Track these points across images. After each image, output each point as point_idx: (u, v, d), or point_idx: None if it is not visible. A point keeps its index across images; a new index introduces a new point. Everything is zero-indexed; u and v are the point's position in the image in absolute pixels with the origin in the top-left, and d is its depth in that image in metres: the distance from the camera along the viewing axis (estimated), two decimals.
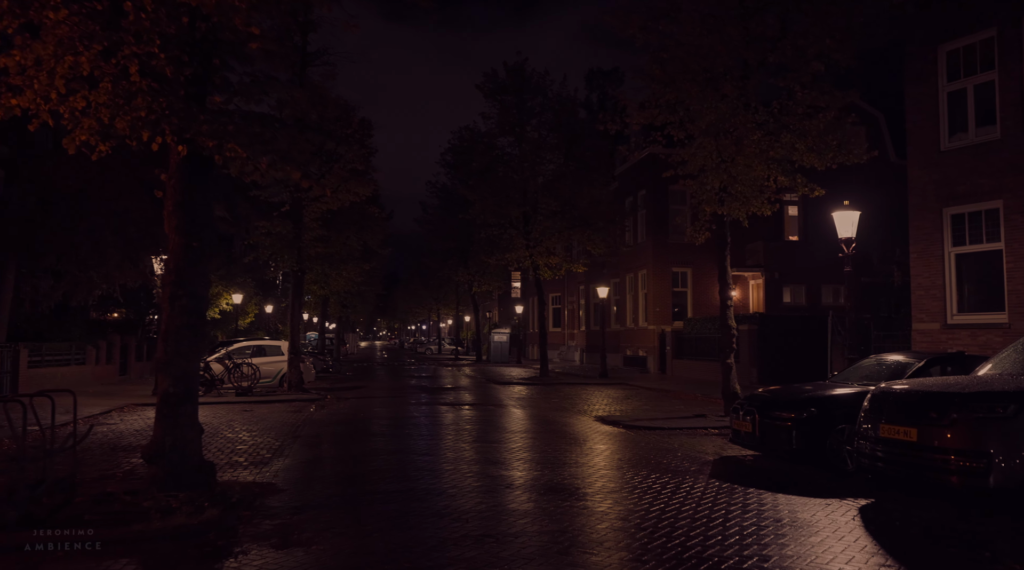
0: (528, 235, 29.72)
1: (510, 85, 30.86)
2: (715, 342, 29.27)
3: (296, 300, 22.41)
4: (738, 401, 10.68)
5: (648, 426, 14.26)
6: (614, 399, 21.35)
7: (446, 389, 25.46)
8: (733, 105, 14.13)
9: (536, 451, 11.41)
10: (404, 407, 19.04)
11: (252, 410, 18.46)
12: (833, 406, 9.71)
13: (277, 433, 13.75)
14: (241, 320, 42.72)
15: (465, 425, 15.01)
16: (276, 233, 21.98)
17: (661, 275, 34.68)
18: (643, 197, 36.03)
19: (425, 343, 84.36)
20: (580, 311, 45.19)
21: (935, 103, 17.58)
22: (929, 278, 17.73)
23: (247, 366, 22.00)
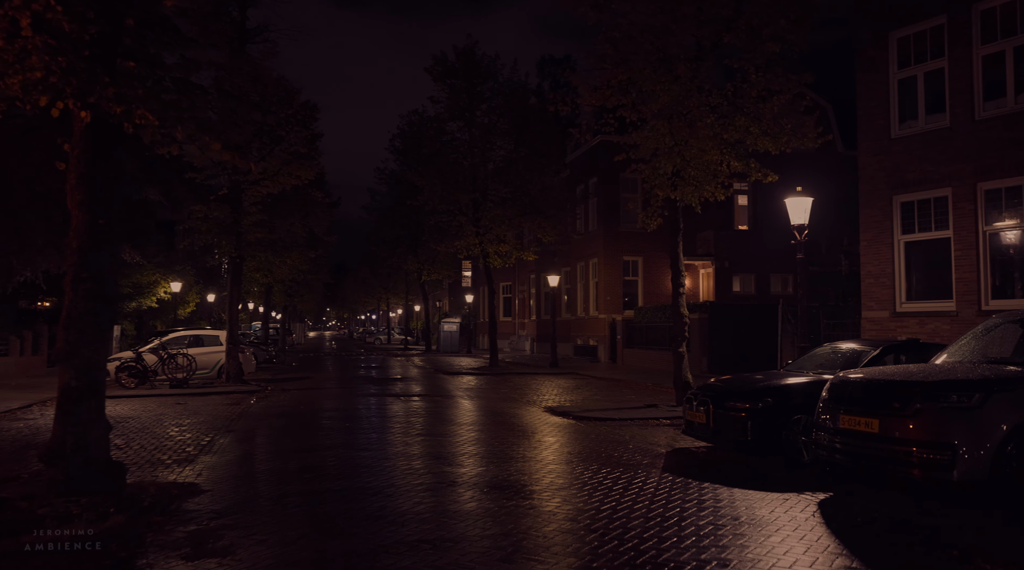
0: (478, 222, 29.11)
1: (460, 69, 30.13)
2: (666, 331, 29.15)
3: (234, 288, 21.44)
4: (691, 391, 10.30)
5: (599, 417, 13.85)
6: (564, 389, 20.96)
7: (394, 380, 24.79)
8: (686, 87, 13.74)
9: (483, 445, 10.88)
10: (348, 399, 18.34)
11: (185, 403, 17.56)
12: (789, 396, 9.39)
13: (208, 427, 12.97)
14: (181, 309, 41.27)
15: (411, 418, 14.41)
16: (213, 218, 20.97)
17: (612, 264, 34.44)
18: (594, 185, 35.71)
19: (374, 333, 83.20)
20: (531, 300, 44.81)
21: (886, 90, 17.49)
22: (879, 266, 17.68)
23: (182, 356, 21.00)
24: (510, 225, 29.15)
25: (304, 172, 21.19)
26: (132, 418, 14.59)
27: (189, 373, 21.00)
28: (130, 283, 32.25)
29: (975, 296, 15.50)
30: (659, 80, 13.70)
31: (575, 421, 13.78)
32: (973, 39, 15.73)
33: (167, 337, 23.19)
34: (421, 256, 45.78)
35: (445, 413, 15.29)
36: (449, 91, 30.17)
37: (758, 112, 13.49)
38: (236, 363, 21.35)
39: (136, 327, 38.11)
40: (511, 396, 18.85)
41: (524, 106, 29.83)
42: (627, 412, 14.50)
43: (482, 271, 57.54)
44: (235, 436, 11.97)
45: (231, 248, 21.08)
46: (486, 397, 18.73)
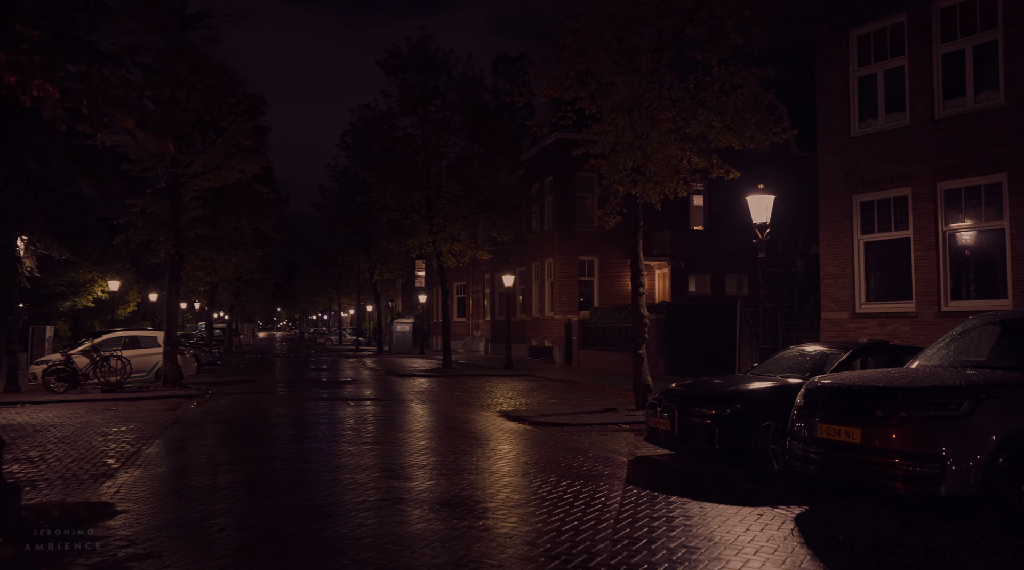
0: (431, 220, 28.33)
1: (413, 63, 29.32)
2: (622, 332, 28.79)
3: (172, 287, 20.31)
4: (655, 397, 9.75)
5: (556, 422, 13.25)
6: (519, 392, 20.34)
7: (344, 383, 23.88)
8: (647, 79, 13.24)
9: (434, 454, 10.18)
10: (293, 404, 17.44)
11: (116, 409, 16.47)
12: (757, 402, 8.89)
13: (137, 436, 12.01)
14: (121, 309, 39.59)
15: (359, 424, 13.62)
16: (151, 212, 19.84)
17: (568, 263, 33.97)
18: (550, 183, 35.21)
19: (326, 334, 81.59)
20: (485, 300, 44.14)
21: (846, 88, 17.26)
22: (838, 266, 17.45)
23: (116, 359, 19.80)
24: (464, 223, 28.45)
25: (248, 165, 20.20)
26: (54, 426, 13.52)
27: (123, 376, 19.82)
28: (64, 281, 30.68)
29: (935, 297, 15.32)
30: (619, 72, 13.18)
31: (531, 427, 13.16)
32: (933, 37, 15.56)
33: (100, 338, 21.92)
34: (373, 255, 44.79)
35: (396, 419, 14.54)
36: (402, 85, 29.34)
37: (721, 106, 13.05)
38: (174, 366, 20.25)
39: (72, 328, 36.37)
40: (464, 400, 18.16)
41: (479, 102, 29.16)
42: (585, 417, 13.93)
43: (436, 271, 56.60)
44: (165, 446, 11.06)
45: (169, 244, 19.97)
46: (439, 401, 18.01)
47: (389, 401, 17.97)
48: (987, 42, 14.86)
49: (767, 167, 29.01)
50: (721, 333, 25.74)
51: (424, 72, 29.30)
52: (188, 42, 19.50)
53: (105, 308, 35.33)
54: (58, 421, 14.29)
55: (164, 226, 19.79)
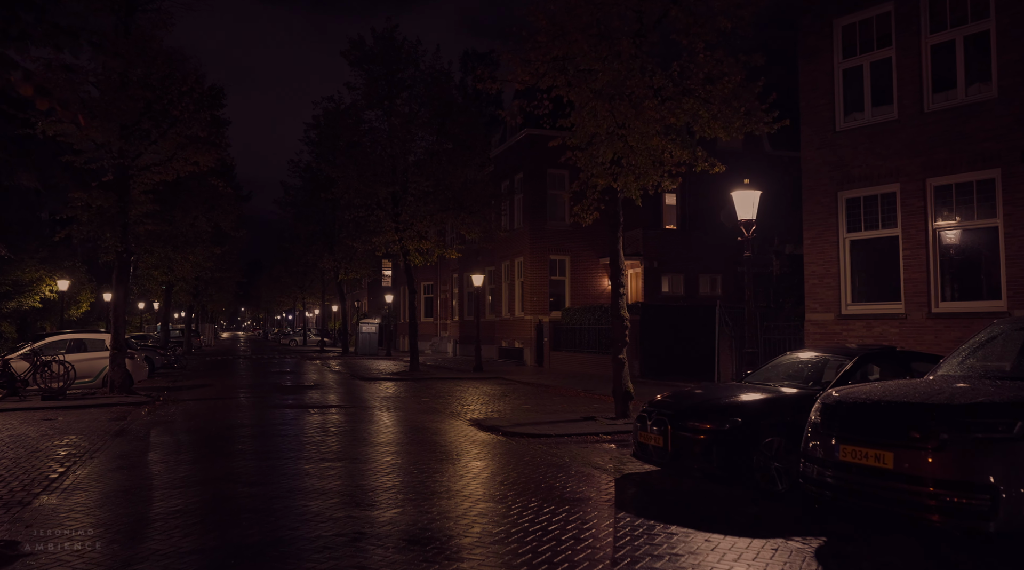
0: (398, 217, 27.25)
1: (379, 54, 28.20)
2: (595, 333, 27.99)
3: (120, 286, 18.97)
4: (644, 409, 8.87)
5: (532, 433, 12.32)
6: (490, 397, 19.39)
7: (306, 387, 22.72)
8: (628, 65, 12.38)
9: (401, 473, 9.19)
10: (250, 412, 16.30)
11: (55, 419, 15.20)
12: (758, 416, 8.05)
13: (70, 452, 10.85)
14: (73, 310, 37.85)
15: (320, 436, 12.56)
16: (96, 207, 18.50)
17: (538, 263, 33.11)
18: (520, 180, 34.30)
19: (290, 334, 79.78)
20: (453, 300, 43.11)
21: (830, 81, 16.60)
22: (823, 266, 16.78)
23: (58, 364, 18.45)
24: (432, 221, 27.42)
25: (203, 157, 18.96)
26: None
27: (66, 383, 18.47)
28: (8, 280, 29.02)
29: (925, 298, 14.70)
30: (599, 56, 12.31)
31: (505, 438, 12.23)
32: (922, 28, 14.94)
33: (42, 342, 20.51)
34: (338, 254, 43.51)
35: (360, 429, 13.50)
36: (367, 77, 28.21)
37: (707, 95, 12.23)
38: (122, 371, 18.94)
39: (18, 329, 34.58)
40: (433, 406, 17.17)
41: (448, 95, 28.13)
42: (563, 427, 13.03)
43: (402, 270, 55.46)
44: (99, 465, 9.92)
45: (116, 241, 18.66)
46: (406, 408, 16.99)
47: (354, 408, 16.91)
48: (979, 32, 14.26)
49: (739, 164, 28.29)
50: (698, 335, 25.04)
51: (390, 64, 28.21)
52: (136, 25, 18.23)
53: (54, 309, 33.67)
54: None
55: (111, 222, 18.47)
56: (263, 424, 14.19)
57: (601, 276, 33.94)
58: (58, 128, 17.64)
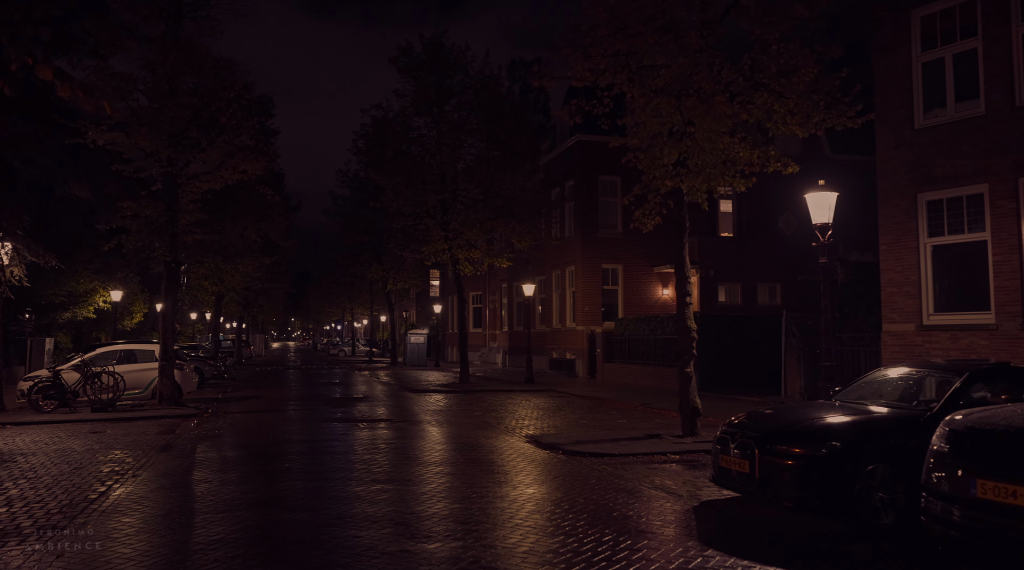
0: (447, 225, 26.72)
1: (427, 61, 27.77)
2: (651, 344, 27.03)
3: (169, 296, 18.74)
4: (725, 429, 8.03)
5: (594, 452, 11.53)
6: (545, 411, 18.63)
7: (355, 400, 22.25)
8: (695, 60, 11.58)
9: (457, 498, 8.50)
10: (298, 426, 15.83)
11: (103, 431, 14.91)
12: (860, 439, 7.16)
13: (114, 468, 10.42)
14: (127, 321, 38.19)
15: (370, 454, 11.96)
16: (145, 216, 18.30)
17: (590, 271, 32.27)
18: (571, 188, 33.56)
19: (339, 345, 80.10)
20: (503, 310, 42.46)
21: (908, 75, 15.54)
22: (902, 273, 15.68)
23: (107, 375, 18.26)
24: (481, 229, 26.81)
25: (251, 166, 18.65)
26: (25, 454, 11.96)
27: (116, 394, 18.27)
28: (63, 291, 29.27)
29: (1019, 307, 13.52)
30: (664, 50, 11.54)
31: (566, 457, 11.46)
32: (1012, 15, 13.82)
33: (94, 352, 20.42)
34: (386, 264, 43.26)
35: (411, 446, 12.87)
36: (416, 84, 27.80)
37: (782, 88, 11.35)
38: (171, 382, 18.67)
39: (73, 339, 34.97)
40: (485, 420, 16.48)
41: (497, 101, 27.54)
42: (626, 445, 12.20)
43: (451, 279, 54.96)
44: (141, 484, 9.45)
45: (165, 251, 18.42)
46: (457, 422, 16.33)
47: (404, 423, 16.31)
48: None
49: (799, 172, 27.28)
50: (759, 346, 23.94)
51: (438, 70, 27.77)
52: (184, 32, 18.04)
53: (109, 319, 33.93)
54: (32, 448, 12.74)
55: (159, 231, 18.25)
56: (311, 439, 13.66)
57: (655, 285, 32.96)
58: (108, 137, 17.50)
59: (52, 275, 26.86)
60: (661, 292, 32.92)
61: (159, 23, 17.97)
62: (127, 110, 17.11)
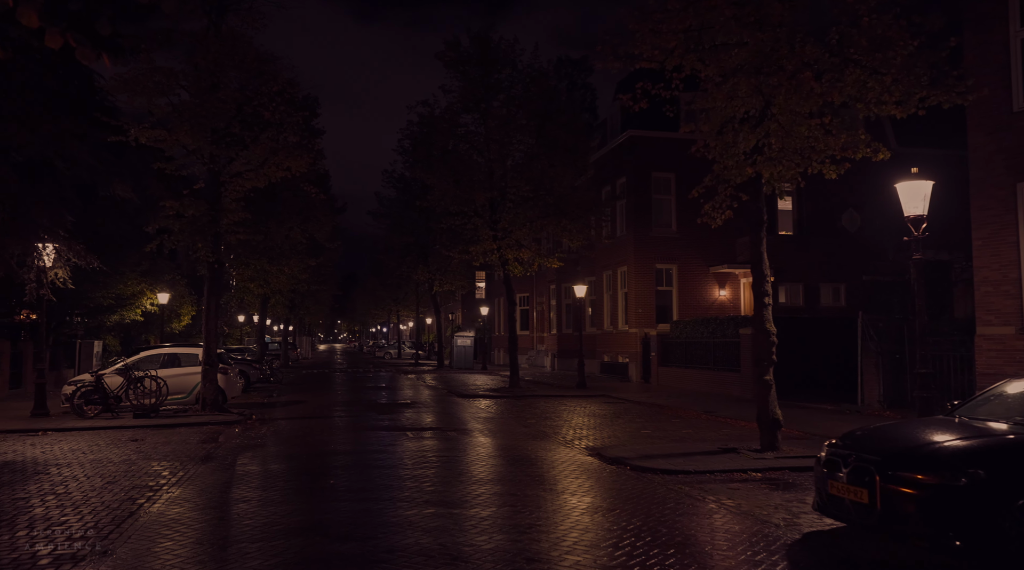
0: (495, 225, 25.80)
1: (474, 55, 26.89)
2: (709, 348, 25.75)
3: (212, 298, 18.14)
4: (834, 450, 6.90)
5: (667, 468, 10.45)
6: (602, 418, 17.56)
7: (402, 405, 21.46)
8: (776, 35, 10.45)
9: (518, 526, 7.52)
10: (344, 435, 15.03)
11: (143, 439, 14.30)
12: (1009, 466, 5.99)
13: (147, 482, 9.68)
14: (175, 323, 38.08)
15: (418, 469, 11.06)
16: (188, 216, 17.73)
17: (643, 272, 31.05)
18: (622, 185, 32.40)
19: (384, 347, 79.82)
20: (551, 313, 41.41)
21: (1004, 53, 14.17)
22: (999, 271, 14.28)
23: (150, 379, 17.73)
24: (531, 228, 25.83)
25: (295, 162, 17.95)
26: (61, 464, 11.34)
27: (159, 399, 17.73)
28: (111, 294, 29.11)
29: None
30: (743, 24, 10.43)
31: (634, 472, 10.42)
32: None
33: (137, 356, 19.96)
34: (432, 265, 42.59)
35: (464, 460, 11.94)
36: (463, 80, 26.94)
37: (876, 63, 10.14)
38: (214, 387, 18.07)
39: (121, 342, 34.95)
40: (540, 429, 15.48)
41: (547, 95, 26.53)
42: (700, 460, 11.09)
43: (497, 281, 54.09)
44: (175, 502, 8.67)
45: (208, 251, 17.83)
46: (511, 432, 15.36)
47: (455, 432, 15.41)
48: None
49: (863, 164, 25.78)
50: (829, 350, 22.53)
51: (486, 65, 26.87)
52: (227, 25, 17.44)
53: (156, 322, 33.77)
54: (69, 457, 12.14)
55: (202, 231, 17.65)
56: (357, 451, 12.81)
57: (711, 286, 31.60)
58: (150, 134, 16.98)
59: (100, 277, 26.64)
60: (718, 293, 31.55)
61: (202, 17, 17.39)
62: (169, 106, 16.54)
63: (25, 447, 13.51)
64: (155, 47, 16.71)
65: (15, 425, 16.44)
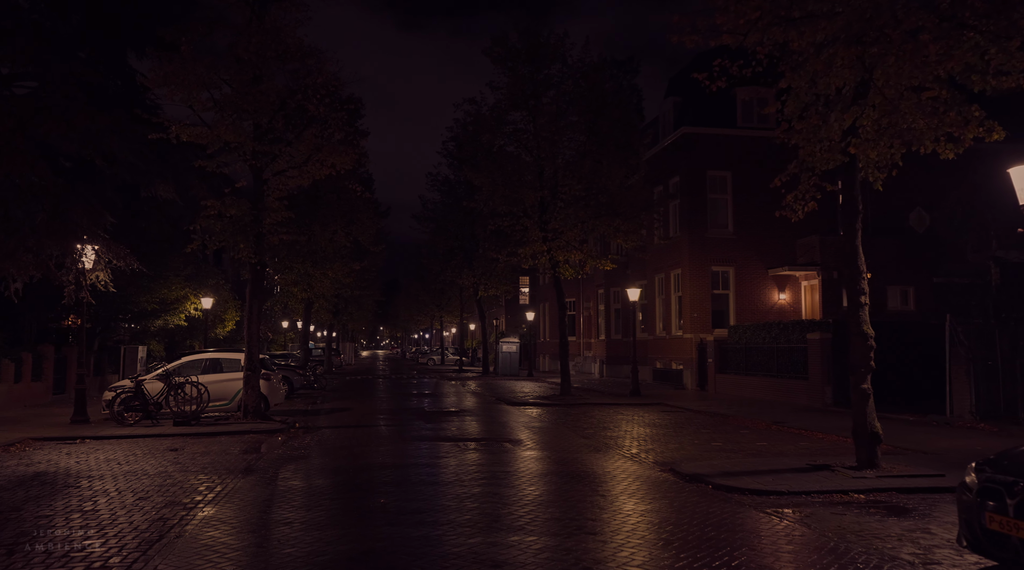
0: (545, 226, 24.76)
1: (523, 50, 25.93)
2: (772, 354, 24.34)
3: (254, 301, 17.39)
4: (994, 476, 5.68)
5: (756, 488, 9.26)
6: (664, 429, 16.37)
7: (448, 414, 20.50)
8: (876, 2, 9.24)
9: (604, 561, 6.44)
10: (390, 447, 14.10)
11: (182, 449, 13.55)
12: None
13: (181, 500, 8.81)
14: (219, 329, 37.72)
15: (476, 487, 10.05)
16: (230, 216, 17.02)
17: (698, 275, 29.68)
18: (675, 185, 31.12)
19: (427, 353, 79.27)
20: (599, 318, 40.18)
21: None
22: None
23: (191, 385, 17.04)
24: (582, 229, 24.73)
25: (339, 158, 17.15)
26: (94, 477, 10.59)
27: (200, 406, 17.03)
28: (155, 299, 28.72)
29: None
30: None
31: (717, 492, 9.26)
32: None
33: (178, 361, 19.34)
34: (477, 269, 41.69)
35: (521, 476, 10.89)
36: (510, 76, 26.00)
37: (999, 28, 8.86)
38: (256, 394, 17.31)
39: (166, 347, 34.65)
40: (601, 441, 14.36)
41: (599, 90, 25.43)
42: (790, 478, 9.87)
43: (542, 286, 53.07)
44: (210, 524, 7.78)
45: (250, 252, 17.09)
46: (569, 444, 14.25)
47: (509, 443, 14.36)
48: None
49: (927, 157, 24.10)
50: (909, 356, 21.00)
51: (535, 61, 25.89)
52: (270, 16, 16.71)
53: (201, 327, 33.40)
54: (103, 468, 11.40)
55: (244, 231, 16.91)
56: (407, 464, 11.84)
57: (769, 289, 30.11)
58: (191, 132, 16.34)
59: (143, 281, 26.25)
60: (777, 297, 30.04)
61: (244, 9, 16.70)
62: (210, 101, 15.84)
63: (60, 456, 12.84)
64: (196, 38, 16.08)
65: (54, 432, 15.88)
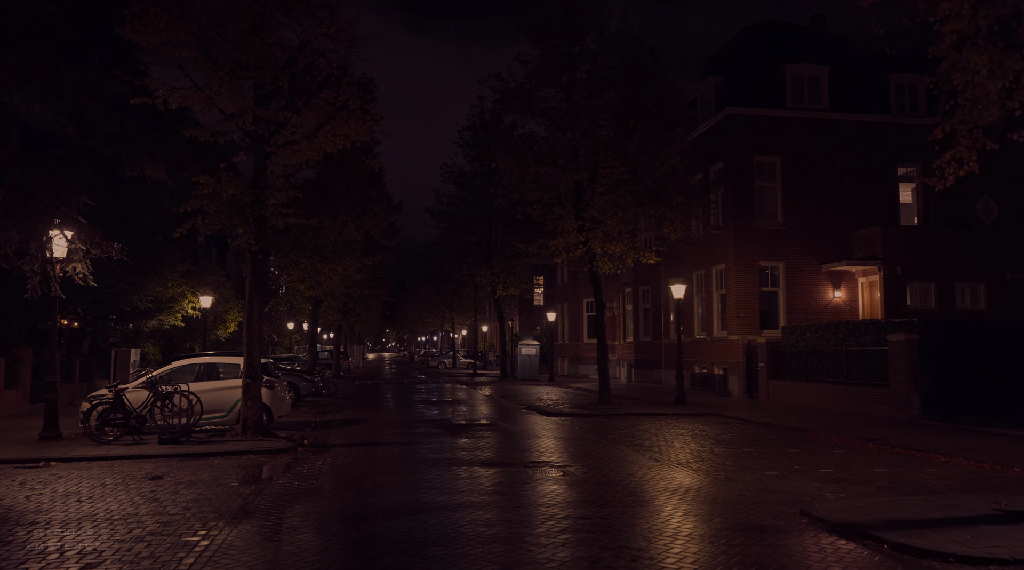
0: (582, 214, 22.08)
1: (556, 19, 23.26)
2: (836, 357, 21.57)
3: (254, 296, 14.70)
4: None
5: (961, 553, 6.54)
6: (739, 447, 13.67)
7: (480, 426, 17.85)
8: None
9: None
10: (420, 474, 11.41)
11: (164, 477, 10.91)
12: None
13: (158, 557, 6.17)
14: (220, 330, 35.08)
15: (556, 547, 7.37)
16: (227, 196, 14.38)
17: (745, 270, 26.92)
18: (717, 172, 28.41)
19: (438, 356, 76.59)
20: (626, 319, 37.41)
21: None
22: None
23: (180, 395, 14.39)
24: (623, 217, 22.02)
25: (354, 128, 14.51)
26: (40, 522, 7.93)
27: (190, 419, 14.36)
28: (148, 296, 26.11)
29: None
30: None
31: (900, 556, 6.57)
32: None
33: (168, 367, 16.72)
34: (496, 267, 39.02)
35: (610, 525, 8.18)
36: (541, 48, 23.34)
37: None
38: (256, 406, 14.63)
39: (163, 350, 32.02)
40: (675, 462, 11.65)
41: (640, 60, 22.71)
42: (992, 532, 7.14)
43: (559, 286, 50.26)
44: None
45: (250, 238, 14.42)
46: (640, 472, 11.53)
47: (565, 469, 11.67)
48: None
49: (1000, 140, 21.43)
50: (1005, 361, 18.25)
51: (569, 32, 23.22)
52: None
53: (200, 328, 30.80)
54: (56, 508, 8.76)
55: (242, 213, 14.25)
56: (452, 505, 9.12)
57: (823, 286, 27.36)
58: (181, 96, 13.72)
59: (135, 277, 23.67)
60: (832, 295, 27.28)
61: None
62: (201, 52, 13.17)
63: (10, 488, 10.22)
64: None
65: (15, 452, 13.26)
